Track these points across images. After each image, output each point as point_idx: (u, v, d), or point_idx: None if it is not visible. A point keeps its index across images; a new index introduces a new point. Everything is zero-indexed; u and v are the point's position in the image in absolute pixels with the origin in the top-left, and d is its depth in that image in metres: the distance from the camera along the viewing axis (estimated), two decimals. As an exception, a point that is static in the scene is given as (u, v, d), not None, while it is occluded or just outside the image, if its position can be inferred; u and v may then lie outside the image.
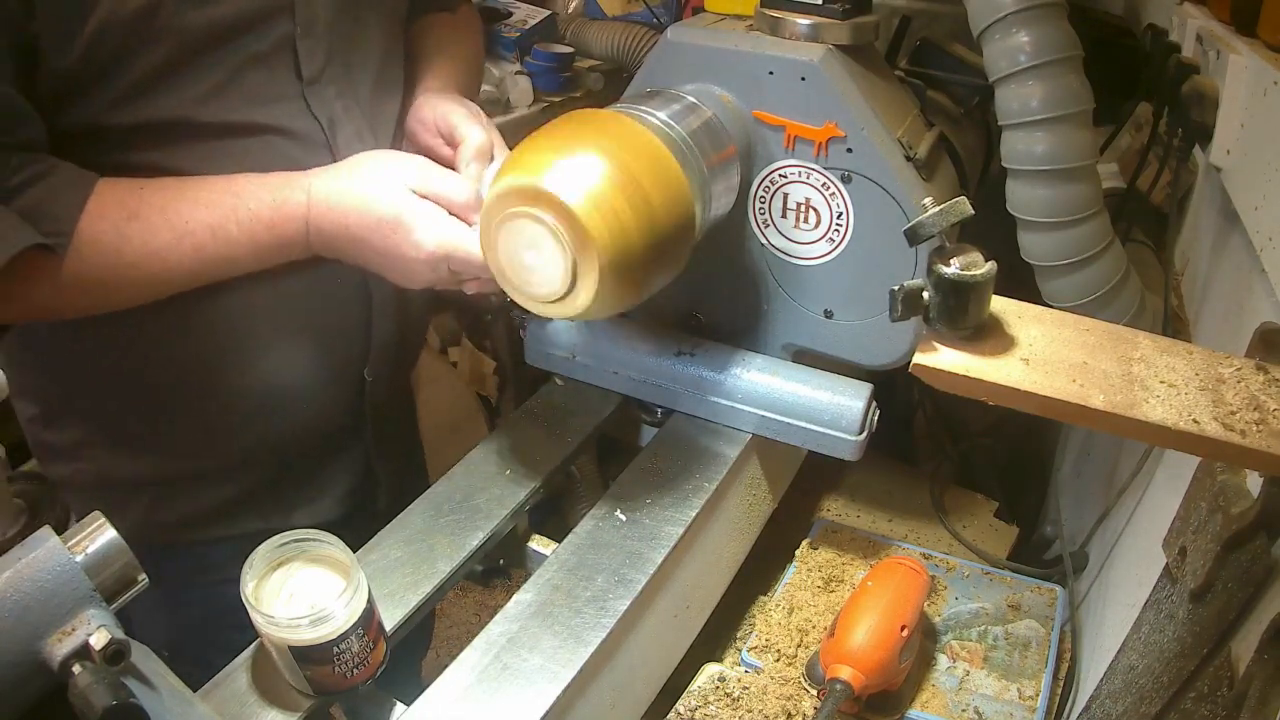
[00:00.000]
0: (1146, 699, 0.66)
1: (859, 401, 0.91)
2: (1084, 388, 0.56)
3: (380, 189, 0.81)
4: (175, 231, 0.77)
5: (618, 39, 1.97)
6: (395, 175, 0.82)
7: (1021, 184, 0.91)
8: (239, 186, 0.80)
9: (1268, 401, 0.55)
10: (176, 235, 0.77)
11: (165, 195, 0.78)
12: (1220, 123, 0.88)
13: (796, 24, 0.87)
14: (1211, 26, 0.97)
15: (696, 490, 0.89)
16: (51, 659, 0.54)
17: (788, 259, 0.94)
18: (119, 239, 0.75)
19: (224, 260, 0.81)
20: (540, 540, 0.90)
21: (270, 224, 0.80)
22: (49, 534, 0.57)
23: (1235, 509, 0.59)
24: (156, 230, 0.76)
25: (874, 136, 0.85)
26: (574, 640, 0.74)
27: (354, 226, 0.81)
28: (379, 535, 0.84)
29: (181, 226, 0.77)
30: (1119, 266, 0.94)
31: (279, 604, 0.68)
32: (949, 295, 0.60)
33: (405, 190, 0.81)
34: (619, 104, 0.83)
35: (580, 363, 1.01)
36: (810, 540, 1.10)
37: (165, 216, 0.77)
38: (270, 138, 0.83)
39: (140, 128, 0.77)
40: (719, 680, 0.90)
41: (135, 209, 0.76)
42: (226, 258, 0.80)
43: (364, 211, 0.81)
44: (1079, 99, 0.87)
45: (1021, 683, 0.93)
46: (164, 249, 0.77)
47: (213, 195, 0.79)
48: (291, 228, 0.81)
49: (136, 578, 0.60)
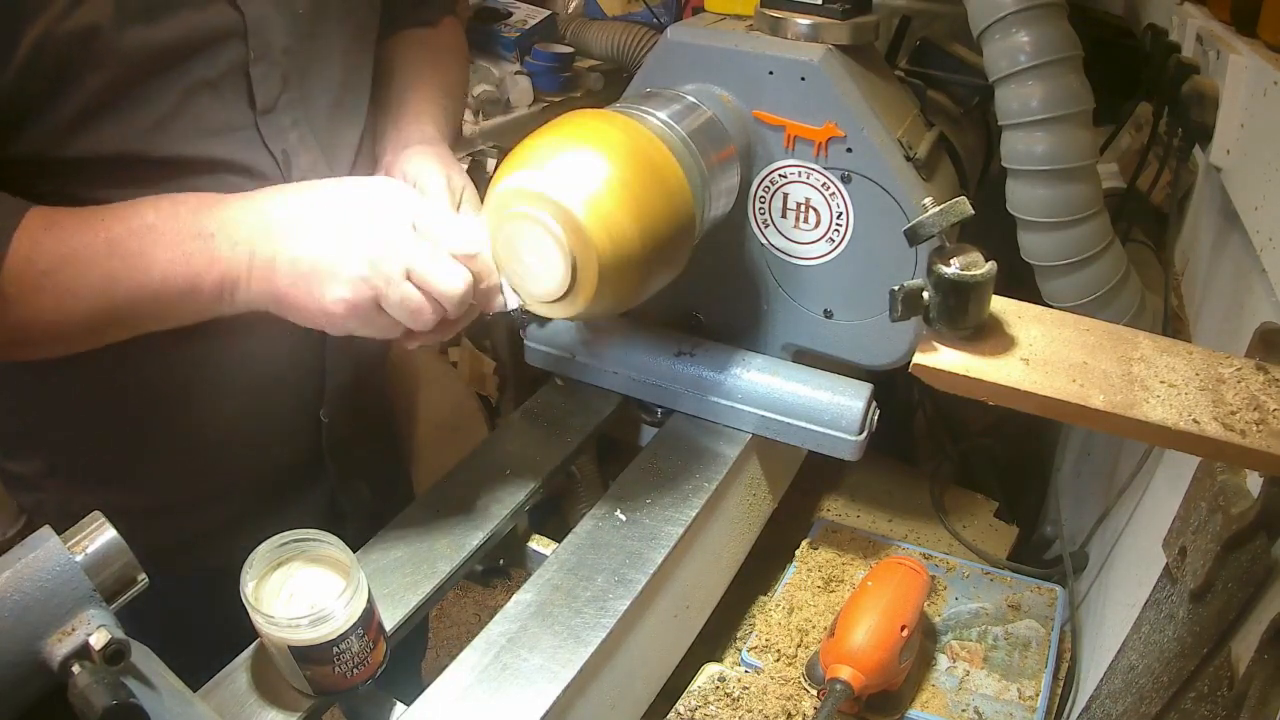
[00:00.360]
0: (1146, 699, 0.66)
1: (859, 401, 0.91)
2: (1084, 388, 0.56)
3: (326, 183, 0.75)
4: (90, 228, 0.70)
5: (618, 39, 1.97)
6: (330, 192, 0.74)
7: (1021, 184, 0.91)
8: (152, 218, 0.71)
9: (1268, 401, 0.55)
10: (92, 231, 0.70)
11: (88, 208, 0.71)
12: (1220, 123, 0.88)
13: (796, 24, 0.87)
14: (1211, 26, 0.97)
15: (696, 490, 0.89)
16: (51, 659, 0.54)
17: (788, 259, 0.94)
18: (32, 247, 0.68)
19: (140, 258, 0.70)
20: (540, 540, 0.90)
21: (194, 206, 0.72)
22: (49, 534, 0.57)
23: (1235, 509, 0.59)
24: (70, 232, 0.70)
25: (874, 136, 0.85)
26: (574, 640, 0.74)
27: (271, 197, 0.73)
28: (379, 535, 0.84)
29: (96, 223, 0.70)
30: (1119, 266, 0.94)
31: (279, 604, 0.68)
32: (949, 295, 0.60)
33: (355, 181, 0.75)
34: (619, 104, 0.83)
35: (580, 363, 1.01)
36: (810, 540, 1.10)
37: (80, 218, 0.70)
38: (223, 175, 0.78)
39: (85, 161, 0.73)
40: (719, 680, 0.90)
41: (53, 219, 0.70)
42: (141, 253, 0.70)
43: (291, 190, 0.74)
44: (1079, 99, 0.87)
45: (1021, 683, 0.93)
46: (78, 250, 0.69)
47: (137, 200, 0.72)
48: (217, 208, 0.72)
49: (136, 577, 0.60)
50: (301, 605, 0.67)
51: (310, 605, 0.66)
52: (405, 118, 0.94)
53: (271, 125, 0.81)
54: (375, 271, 0.70)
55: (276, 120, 0.81)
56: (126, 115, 0.72)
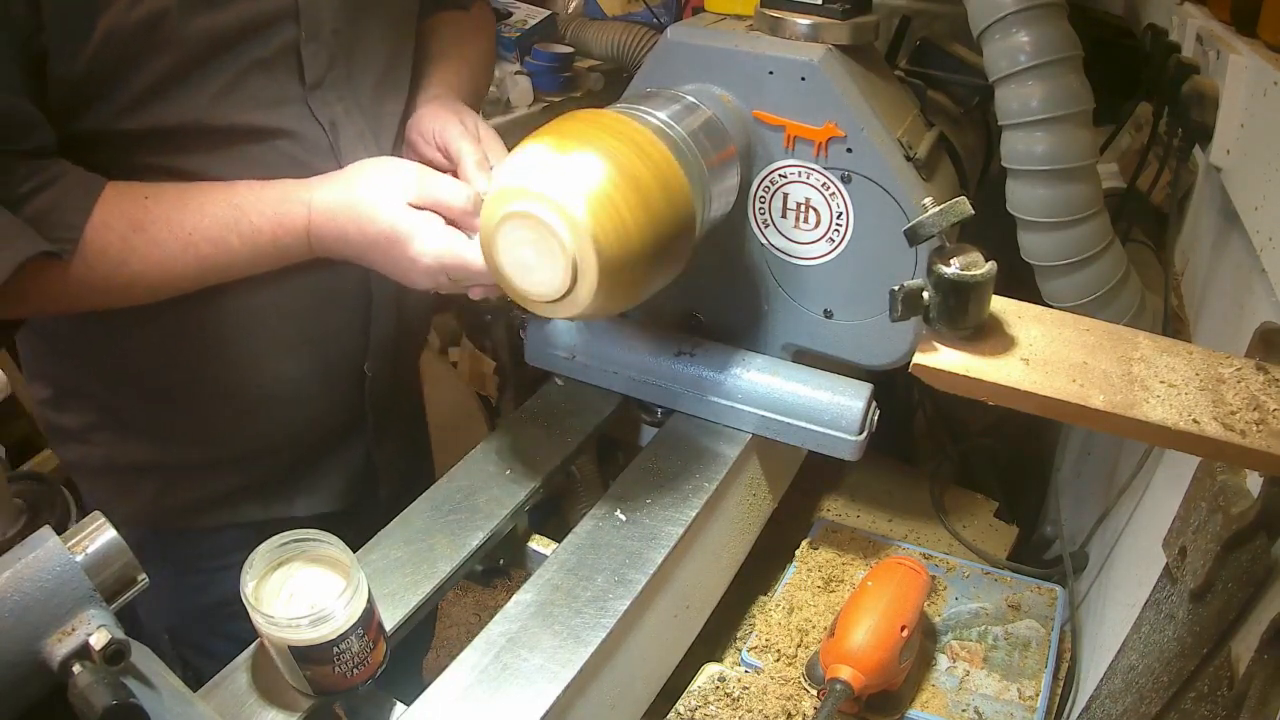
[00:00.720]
0: (1146, 699, 0.66)
1: (859, 401, 0.91)
2: (1084, 388, 0.57)
3: (377, 202, 0.82)
4: (179, 243, 0.79)
5: (618, 39, 1.97)
6: (393, 187, 0.83)
7: (1021, 184, 0.91)
8: (240, 198, 0.81)
9: (1268, 401, 0.55)
10: (180, 246, 0.79)
11: (169, 206, 0.79)
12: (1220, 123, 0.88)
13: (796, 24, 0.87)
14: (1211, 26, 0.97)
15: (696, 490, 0.89)
16: (51, 659, 0.54)
17: (788, 259, 0.94)
18: (125, 250, 0.77)
19: (226, 268, 0.83)
20: (540, 540, 0.90)
21: (272, 236, 0.82)
22: (49, 534, 0.57)
23: (1235, 509, 0.59)
24: (161, 242, 0.78)
25: (874, 136, 0.85)
26: (574, 640, 0.74)
27: (353, 239, 0.83)
28: (379, 535, 0.84)
29: (185, 238, 0.79)
30: (1119, 266, 0.94)
31: (279, 604, 0.68)
32: (949, 295, 0.60)
33: (401, 203, 0.82)
34: (619, 104, 0.83)
35: (580, 363, 1.01)
36: (810, 540, 1.10)
37: (170, 229, 0.79)
38: (276, 142, 0.85)
39: (150, 133, 0.78)
40: (719, 680, 0.90)
41: (140, 221, 0.78)
42: (228, 266, 0.83)
43: (362, 225, 0.82)
44: (1079, 99, 0.87)
45: (1021, 683, 0.93)
46: (168, 260, 0.79)
47: (216, 208, 0.80)
48: (291, 239, 0.83)
49: (136, 577, 0.60)
50: (301, 605, 0.67)
51: (310, 605, 0.66)
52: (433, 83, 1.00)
53: (319, 99, 0.87)
54: None
55: (323, 95, 0.87)
56: (187, 92, 0.78)
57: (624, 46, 1.96)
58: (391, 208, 0.82)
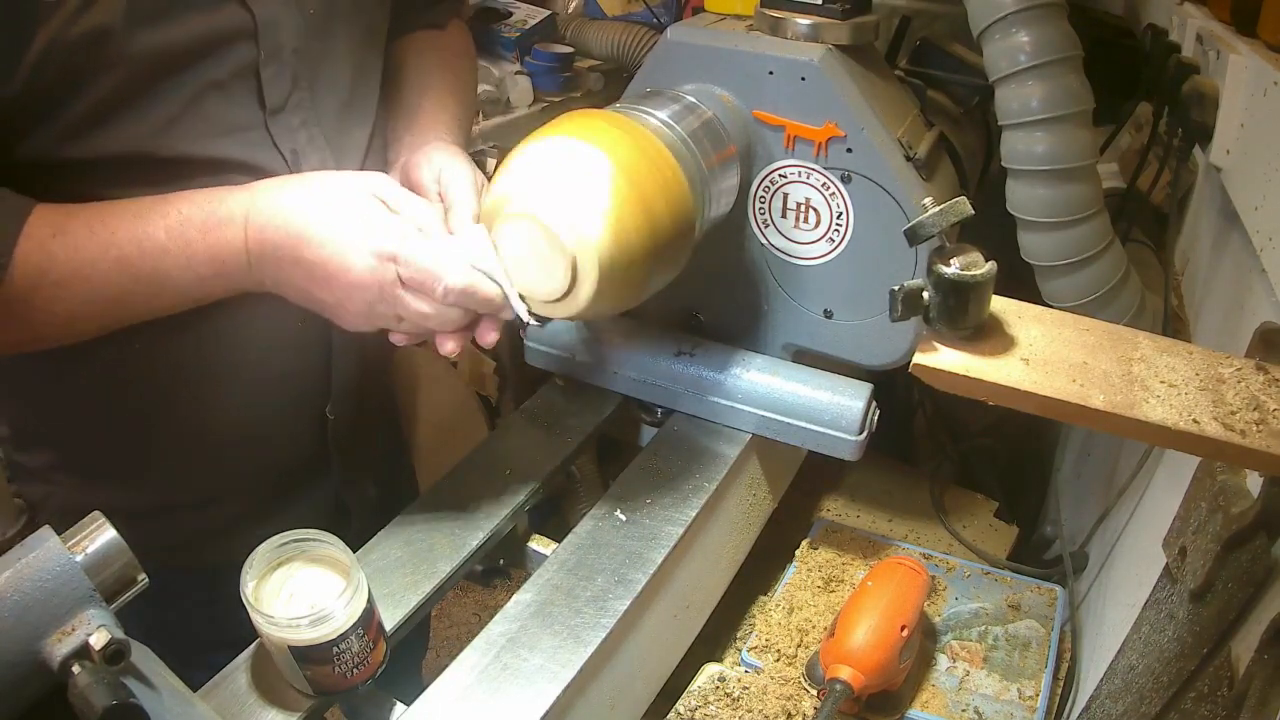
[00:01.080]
0: (1146, 699, 0.66)
1: (859, 401, 0.91)
2: (1084, 388, 0.57)
3: (331, 183, 0.75)
4: (100, 243, 0.71)
5: (618, 39, 1.97)
6: (352, 178, 0.76)
7: (1021, 184, 0.91)
8: (175, 197, 0.73)
9: (1268, 401, 0.55)
10: (102, 247, 0.71)
11: (94, 210, 0.72)
12: (1220, 123, 0.88)
13: (796, 24, 0.87)
14: (1211, 26, 0.97)
15: (696, 490, 0.89)
16: (51, 659, 0.54)
17: (788, 259, 0.94)
18: (44, 257, 0.69)
19: (155, 275, 0.72)
20: (540, 540, 0.90)
21: (203, 227, 0.72)
22: (49, 534, 0.57)
23: (1235, 509, 0.59)
24: (81, 244, 0.70)
25: (874, 136, 0.85)
26: (574, 640, 0.74)
27: (294, 223, 0.73)
28: (379, 535, 0.83)
29: (107, 238, 0.71)
30: (1119, 266, 0.94)
31: (279, 604, 0.68)
32: (949, 295, 0.60)
33: (359, 189, 0.75)
34: (619, 104, 0.83)
35: (580, 363, 1.01)
36: (810, 540, 1.10)
37: (90, 229, 0.71)
38: (232, 175, 0.77)
39: (96, 162, 0.73)
40: (719, 680, 0.90)
41: (62, 225, 0.70)
42: (157, 271, 0.72)
43: (308, 205, 0.73)
44: (1079, 99, 0.87)
45: (1021, 683, 0.93)
46: (89, 263, 0.70)
47: (142, 205, 0.73)
48: (227, 232, 0.73)
49: (136, 577, 0.60)
50: (301, 605, 0.67)
51: (310, 605, 0.66)
52: (420, 123, 0.94)
53: (281, 125, 0.81)
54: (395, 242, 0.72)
55: (286, 120, 0.81)
56: (135, 116, 0.72)
57: (624, 46, 1.96)
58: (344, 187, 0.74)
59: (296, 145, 0.82)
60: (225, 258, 0.73)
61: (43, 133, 0.70)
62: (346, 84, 0.88)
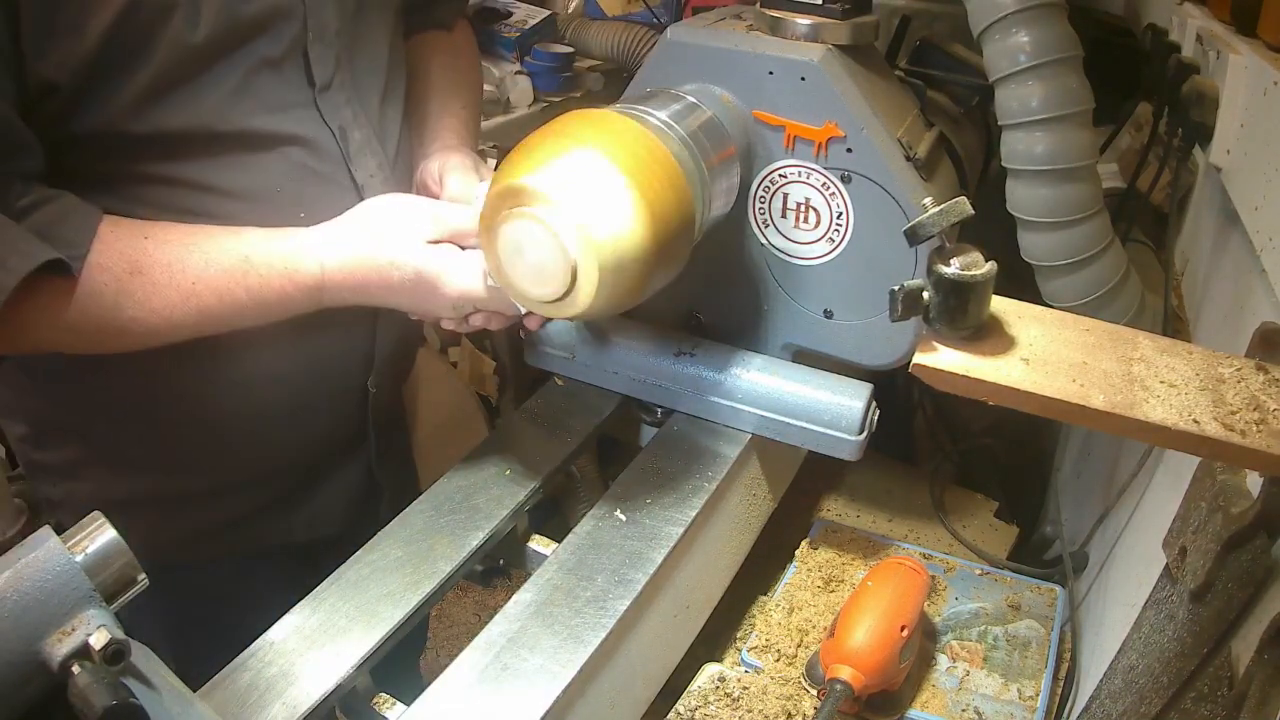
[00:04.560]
0: (1146, 699, 0.66)
1: (859, 401, 0.91)
2: (1084, 388, 0.56)
3: (396, 250, 0.80)
4: (181, 292, 0.75)
5: (618, 39, 1.97)
6: (408, 231, 0.80)
7: (1021, 184, 0.91)
8: (249, 248, 0.77)
9: (1268, 401, 0.55)
10: (182, 296, 0.75)
11: (171, 250, 0.75)
12: (1220, 123, 0.88)
13: (796, 24, 0.87)
14: (1211, 26, 0.97)
15: (696, 490, 0.89)
16: (51, 659, 0.54)
17: (788, 259, 0.94)
18: (119, 293, 0.72)
19: (228, 321, 0.79)
20: (540, 540, 0.90)
21: (280, 292, 0.78)
22: (49, 534, 0.57)
23: (1235, 509, 0.59)
24: (160, 288, 0.74)
25: (874, 136, 0.85)
26: (574, 640, 0.74)
27: (374, 289, 0.81)
28: (379, 535, 0.84)
29: (188, 288, 0.75)
30: (1119, 266, 0.94)
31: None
32: (949, 295, 0.60)
33: (420, 245, 0.80)
34: (619, 104, 0.83)
35: (580, 363, 1.01)
36: (810, 540, 1.10)
37: (170, 275, 0.74)
38: (286, 149, 0.82)
39: (158, 136, 0.75)
40: (719, 680, 0.90)
41: (139, 262, 0.73)
42: (231, 319, 0.78)
43: (384, 274, 0.80)
44: (1079, 99, 0.87)
45: (1021, 683, 0.93)
46: (167, 308, 0.75)
47: (222, 257, 0.76)
48: (302, 295, 0.79)
49: (136, 577, 0.60)
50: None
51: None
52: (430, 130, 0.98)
53: (328, 102, 0.85)
54: None
55: (332, 98, 0.85)
56: (195, 91, 0.75)
57: (624, 46, 1.96)
58: (411, 252, 0.79)
59: (343, 122, 0.86)
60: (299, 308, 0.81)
61: (107, 105, 0.72)
62: (383, 66, 0.92)
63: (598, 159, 0.70)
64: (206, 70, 0.75)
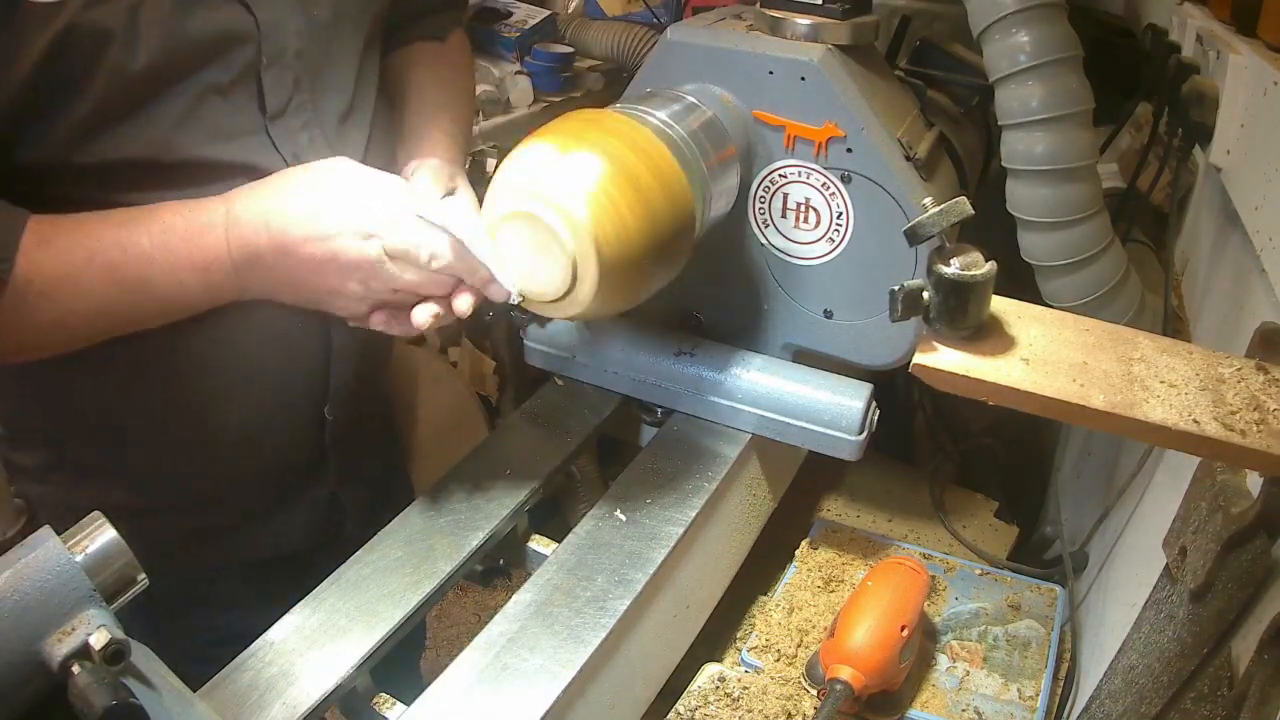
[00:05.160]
0: (1146, 699, 0.66)
1: (859, 401, 0.91)
2: (1084, 388, 0.57)
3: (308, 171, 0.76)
4: (85, 250, 0.70)
5: (618, 39, 1.97)
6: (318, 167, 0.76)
7: (1021, 184, 0.91)
8: (161, 206, 0.74)
9: (1268, 401, 0.55)
10: (87, 254, 0.70)
11: (81, 220, 0.72)
12: (1220, 123, 0.88)
13: (796, 24, 0.87)
14: (1211, 26, 0.97)
15: (696, 490, 0.89)
16: (51, 659, 0.54)
17: (788, 259, 0.94)
18: (29, 267, 0.69)
19: (140, 282, 0.72)
20: (540, 540, 0.90)
21: (185, 235, 0.73)
22: (49, 534, 0.57)
23: (1235, 509, 0.59)
24: (65, 251, 0.70)
25: (874, 136, 0.85)
26: (574, 640, 0.74)
27: (274, 223, 0.73)
28: (379, 535, 0.83)
29: (92, 245, 0.71)
30: (1119, 266, 0.94)
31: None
32: (949, 295, 0.60)
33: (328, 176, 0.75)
34: (619, 104, 0.83)
35: (580, 363, 1.01)
36: (810, 540, 1.10)
37: (75, 237, 0.70)
38: (235, 178, 0.77)
39: (98, 166, 0.73)
40: (719, 680, 0.90)
41: (47, 235, 0.70)
42: (141, 278, 0.72)
43: (283, 203, 0.73)
44: (1079, 99, 0.87)
45: (1021, 683, 0.93)
46: (74, 273, 0.70)
47: (129, 214, 0.73)
48: (209, 239, 0.73)
49: (136, 577, 0.60)
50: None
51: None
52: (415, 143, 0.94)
53: (281, 128, 0.81)
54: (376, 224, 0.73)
55: (286, 123, 0.81)
56: (139, 121, 0.72)
57: (624, 46, 1.96)
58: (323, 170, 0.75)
59: (298, 148, 0.82)
60: (208, 264, 0.74)
61: (46, 136, 0.70)
62: (348, 89, 0.88)
63: (598, 159, 0.70)
64: (150, 99, 0.72)
